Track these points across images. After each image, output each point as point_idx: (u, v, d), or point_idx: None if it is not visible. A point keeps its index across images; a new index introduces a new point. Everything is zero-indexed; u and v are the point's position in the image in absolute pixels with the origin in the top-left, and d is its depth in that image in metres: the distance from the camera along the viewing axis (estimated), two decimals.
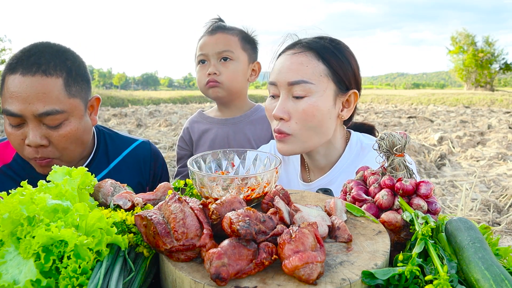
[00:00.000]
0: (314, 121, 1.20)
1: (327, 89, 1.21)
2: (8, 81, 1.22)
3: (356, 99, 1.28)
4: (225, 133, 1.72)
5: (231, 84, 1.66)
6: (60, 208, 0.74)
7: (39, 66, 1.22)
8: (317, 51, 1.23)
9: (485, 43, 46.97)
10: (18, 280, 0.62)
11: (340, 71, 1.23)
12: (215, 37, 1.65)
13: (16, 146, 1.26)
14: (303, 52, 1.23)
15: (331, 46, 1.25)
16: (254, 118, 1.74)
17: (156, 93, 37.01)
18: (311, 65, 1.21)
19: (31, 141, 1.21)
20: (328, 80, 1.22)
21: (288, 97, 1.22)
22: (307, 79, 1.19)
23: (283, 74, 1.22)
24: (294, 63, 1.22)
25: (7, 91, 1.22)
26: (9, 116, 1.21)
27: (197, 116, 1.83)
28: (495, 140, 8.46)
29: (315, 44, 1.25)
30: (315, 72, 1.21)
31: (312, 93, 1.20)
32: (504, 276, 0.60)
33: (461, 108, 19.66)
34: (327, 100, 1.22)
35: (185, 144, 1.82)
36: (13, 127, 1.23)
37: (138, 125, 11.68)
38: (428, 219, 0.78)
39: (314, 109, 1.19)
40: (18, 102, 1.19)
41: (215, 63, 1.64)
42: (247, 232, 0.64)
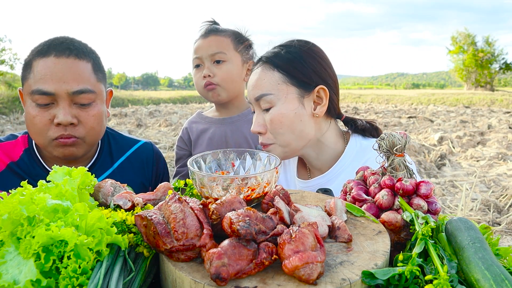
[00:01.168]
0: (284, 127, 1.26)
1: (288, 95, 1.26)
2: (39, 64, 1.27)
3: (326, 93, 1.29)
4: (222, 132, 1.74)
5: (228, 85, 1.68)
6: (60, 208, 0.74)
7: (71, 50, 1.31)
8: (271, 62, 1.29)
9: (485, 43, 46.97)
10: (18, 280, 0.62)
11: (297, 73, 1.26)
12: (207, 40, 1.69)
13: (40, 128, 1.28)
14: (261, 67, 1.31)
15: (285, 52, 1.29)
16: (252, 117, 1.75)
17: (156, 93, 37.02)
18: (267, 77, 1.27)
19: (62, 119, 1.26)
20: (287, 86, 1.26)
21: (260, 111, 1.30)
22: (266, 91, 1.26)
23: (250, 92, 1.32)
24: (255, 79, 1.30)
25: (37, 74, 1.27)
26: (41, 95, 1.25)
27: (196, 117, 1.86)
28: (495, 140, 8.46)
29: (270, 55, 1.31)
30: (272, 82, 1.26)
31: (275, 103, 1.26)
32: (504, 276, 0.60)
33: (461, 108, 19.67)
34: (291, 104, 1.26)
35: (184, 144, 1.83)
36: (40, 108, 1.27)
37: (138, 125, 11.68)
38: (428, 219, 0.78)
39: (279, 116, 1.25)
40: (53, 81, 1.26)
41: (209, 66, 1.68)
42: (247, 232, 0.64)
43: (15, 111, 14.35)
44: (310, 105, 1.28)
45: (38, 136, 1.31)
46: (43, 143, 1.32)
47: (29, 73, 1.29)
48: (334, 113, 1.37)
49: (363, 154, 1.32)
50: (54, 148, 1.32)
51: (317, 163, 1.38)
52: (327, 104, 1.30)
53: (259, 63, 1.33)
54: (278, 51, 1.30)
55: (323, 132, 1.34)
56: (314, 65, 1.28)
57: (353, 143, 1.37)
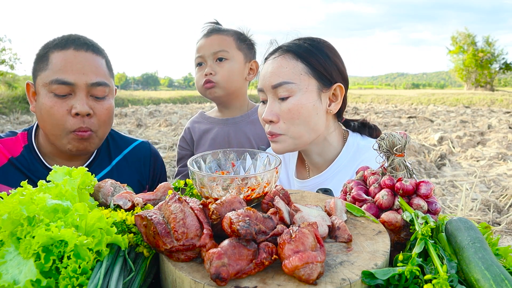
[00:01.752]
0: (301, 118, 1.25)
1: (309, 86, 1.25)
2: (58, 56, 1.31)
3: (342, 91, 1.30)
4: (225, 132, 1.73)
5: (227, 83, 1.68)
6: (60, 208, 0.74)
7: (88, 45, 1.37)
8: (294, 52, 1.28)
9: (485, 43, 46.96)
10: (18, 280, 0.62)
11: (320, 67, 1.26)
12: (210, 38, 1.69)
13: (58, 118, 1.30)
14: (281, 55, 1.29)
15: (308, 44, 1.29)
16: (255, 118, 1.75)
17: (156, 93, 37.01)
18: (290, 66, 1.26)
19: (80, 109, 1.30)
20: (309, 77, 1.26)
21: (274, 100, 1.28)
22: (287, 79, 1.24)
23: (267, 79, 1.28)
24: (275, 67, 1.27)
25: (57, 64, 1.30)
26: (60, 85, 1.28)
27: (198, 117, 1.85)
28: (495, 140, 8.46)
29: (293, 46, 1.30)
30: (295, 72, 1.25)
31: (295, 92, 1.24)
32: (504, 276, 0.60)
33: (461, 108, 19.66)
34: (311, 97, 1.25)
35: (186, 144, 1.83)
36: (58, 99, 1.30)
37: (138, 125, 11.68)
38: (428, 219, 0.78)
39: (299, 107, 1.24)
40: (73, 71, 1.30)
41: (211, 64, 1.68)
42: (247, 232, 0.64)
43: (15, 111, 14.35)
44: (326, 101, 1.30)
45: (55, 127, 1.32)
46: (59, 134, 1.33)
47: (45, 65, 1.31)
48: (340, 114, 1.39)
49: (359, 154, 1.33)
50: (69, 141, 1.34)
51: (318, 161, 1.39)
52: (341, 102, 1.32)
53: (278, 51, 1.32)
54: (300, 43, 1.30)
55: (330, 131, 1.36)
56: (335, 61, 1.30)
57: (351, 143, 1.37)
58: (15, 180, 1.34)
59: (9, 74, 25.22)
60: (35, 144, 1.42)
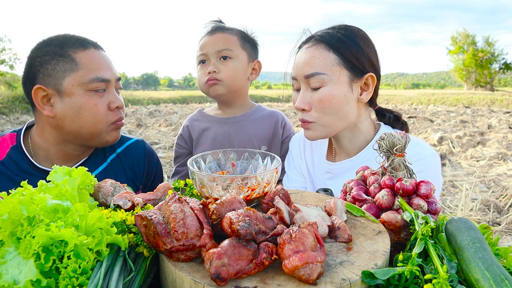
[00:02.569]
0: (332, 108, 1.29)
1: (340, 77, 1.28)
2: (85, 55, 1.35)
3: (374, 81, 1.33)
4: (226, 132, 1.72)
5: (231, 82, 1.67)
6: (60, 208, 0.74)
7: (96, 43, 1.43)
8: (327, 42, 1.30)
9: (485, 43, 46.95)
10: (18, 280, 0.62)
11: (352, 57, 1.28)
12: (214, 36, 1.67)
13: (102, 114, 1.37)
14: (314, 45, 1.31)
15: (341, 34, 1.30)
16: (255, 118, 1.74)
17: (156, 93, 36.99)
18: (322, 56, 1.28)
19: (120, 103, 1.42)
20: (340, 68, 1.28)
21: (307, 89, 1.32)
22: (319, 70, 1.27)
23: (300, 69, 1.32)
24: (308, 57, 1.31)
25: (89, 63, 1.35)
26: (100, 83, 1.35)
27: (197, 115, 1.83)
28: (495, 140, 8.46)
29: (326, 35, 1.32)
30: (327, 63, 1.28)
31: (326, 83, 1.28)
32: (504, 276, 0.60)
33: (461, 108, 19.66)
34: (342, 87, 1.28)
35: (184, 143, 1.81)
36: (99, 95, 1.36)
37: (138, 125, 11.68)
38: (428, 219, 0.78)
39: (329, 97, 1.28)
40: (105, 69, 1.39)
41: (214, 62, 1.66)
42: (247, 232, 0.64)
43: (15, 111, 14.35)
44: (357, 90, 1.32)
45: (98, 123, 1.37)
46: (101, 129, 1.39)
47: (74, 65, 1.33)
48: (373, 102, 1.42)
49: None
50: (109, 132, 1.42)
51: (347, 147, 1.43)
52: (372, 91, 1.34)
53: (311, 40, 1.34)
54: (334, 32, 1.31)
55: (361, 119, 1.39)
56: (367, 52, 1.31)
57: (384, 130, 1.41)
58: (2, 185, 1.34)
59: (9, 74, 25.22)
60: (25, 145, 1.41)
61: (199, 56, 1.70)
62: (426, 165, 1.26)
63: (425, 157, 1.28)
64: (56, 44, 1.35)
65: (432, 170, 1.28)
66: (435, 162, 1.30)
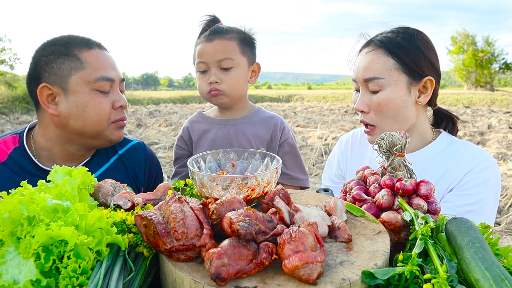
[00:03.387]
0: (390, 111, 1.33)
1: (398, 81, 1.32)
2: (90, 55, 1.37)
3: (433, 84, 1.35)
4: (226, 133, 1.72)
5: (233, 91, 1.66)
6: (60, 208, 0.74)
7: (100, 44, 1.44)
8: (386, 47, 1.34)
9: (485, 43, 46.93)
10: (18, 280, 0.62)
11: (411, 62, 1.31)
12: (213, 44, 1.63)
13: (106, 112, 1.39)
14: (373, 50, 1.36)
15: (400, 39, 1.33)
16: (255, 120, 1.74)
17: (156, 93, 36.97)
18: (380, 61, 1.33)
19: (124, 102, 1.43)
20: (398, 72, 1.32)
21: (366, 91, 1.37)
22: (378, 75, 1.32)
23: (359, 72, 1.37)
24: (367, 62, 1.36)
25: (95, 62, 1.37)
26: (106, 82, 1.37)
27: (197, 116, 1.83)
28: (495, 140, 8.46)
29: (385, 40, 1.35)
30: (385, 68, 1.32)
31: (385, 87, 1.32)
32: (504, 276, 0.60)
33: (461, 108, 19.65)
34: (400, 91, 1.32)
35: (185, 144, 1.82)
36: (103, 94, 1.38)
37: (138, 125, 11.68)
38: (428, 219, 0.78)
39: (387, 101, 1.32)
40: (110, 69, 1.41)
41: (215, 72, 1.63)
42: (247, 232, 0.64)
43: (15, 111, 14.34)
44: (415, 93, 1.35)
45: (101, 122, 1.38)
46: (104, 127, 1.40)
47: (80, 64, 1.35)
48: (431, 102, 1.43)
49: (454, 149, 1.37)
50: (112, 131, 1.42)
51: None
52: (430, 94, 1.36)
53: (370, 45, 1.38)
54: (393, 37, 1.35)
55: (419, 120, 1.41)
56: (426, 55, 1.33)
57: (445, 136, 1.43)
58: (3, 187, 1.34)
59: (9, 74, 25.22)
60: (28, 146, 1.42)
61: (198, 63, 1.67)
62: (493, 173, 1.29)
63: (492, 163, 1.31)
64: (61, 44, 1.36)
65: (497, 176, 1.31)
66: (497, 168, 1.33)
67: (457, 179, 1.29)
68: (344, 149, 1.67)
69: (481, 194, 1.25)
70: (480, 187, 1.26)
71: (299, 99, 29.75)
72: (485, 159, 1.30)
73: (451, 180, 1.30)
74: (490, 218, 1.27)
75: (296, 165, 1.71)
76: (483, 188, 1.26)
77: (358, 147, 1.62)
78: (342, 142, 1.71)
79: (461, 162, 1.31)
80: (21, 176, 1.36)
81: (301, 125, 11.39)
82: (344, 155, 1.65)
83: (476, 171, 1.28)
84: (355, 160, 1.59)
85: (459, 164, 1.31)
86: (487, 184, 1.27)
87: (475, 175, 1.27)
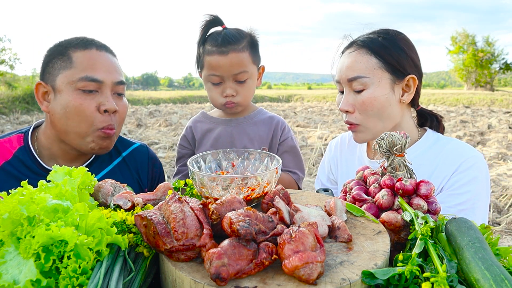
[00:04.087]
0: (374, 109, 1.34)
1: (382, 79, 1.33)
2: (82, 55, 1.34)
3: (415, 83, 1.36)
4: (228, 132, 1.73)
5: (247, 100, 1.70)
6: (60, 208, 0.74)
7: (106, 47, 1.42)
8: (368, 47, 1.35)
9: (485, 43, 46.92)
10: (18, 280, 0.62)
11: (393, 60, 1.33)
12: (228, 58, 1.59)
13: (87, 115, 1.33)
14: (356, 50, 1.37)
15: (382, 39, 1.35)
16: (257, 120, 1.76)
17: (156, 93, 36.98)
18: (364, 60, 1.34)
19: (110, 106, 1.35)
20: (382, 71, 1.33)
21: (350, 92, 1.37)
22: (361, 74, 1.33)
23: (343, 73, 1.38)
24: (350, 62, 1.37)
25: (83, 63, 1.33)
26: (89, 82, 1.32)
27: (200, 116, 1.85)
28: (495, 140, 8.46)
29: (367, 41, 1.37)
30: (368, 67, 1.33)
31: (369, 86, 1.33)
32: (504, 276, 0.60)
33: (461, 108, 19.65)
34: (384, 89, 1.33)
35: (188, 143, 1.83)
36: (86, 95, 1.33)
37: (138, 125, 11.68)
38: (428, 219, 0.78)
39: (372, 99, 1.33)
40: (101, 70, 1.35)
41: (231, 85, 1.62)
42: (247, 232, 0.64)
43: (15, 111, 14.35)
44: (399, 92, 1.37)
45: (82, 124, 1.34)
46: (85, 132, 1.35)
47: (69, 63, 1.33)
48: (415, 102, 1.45)
49: (440, 146, 1.38)
50: (94, 139, 1.36)
51: None
52: (413, 92, 1.38)
53: (353, 46, 1.40)
54: (375, 37, 1.37)
55: (404, 119, 1.43)
56: (408, 54, 1.35)
57: (431, 133, 1.44)
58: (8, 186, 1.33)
59: (9, 74, 25.23)
60: (32, 146, 1.42)
61: (211, 76, 1.63)
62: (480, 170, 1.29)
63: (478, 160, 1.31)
64: (63, 44, 1.37)
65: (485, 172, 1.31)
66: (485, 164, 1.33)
67: (446, 178, 1.29)
68: (334, 154, 1.69)
69: (471, 192, 1.25)
70: (469, 185, 1.26)
71: (299, 99, 29.76)
72: (471, 155, 1.30)
73: (440, 179, 1.30)
74: (484, 215, 1.27)
75: (295, 164, 1.72)
76: (473, 186, 1.26)
77: (346, 150, 1.63)
78: (332, 147, 1.73)
79: (447, 160, 1.31)
80: (26, 175, 1.36)
81: (301, 125, 11.39)
82: (334, 160, 1.67)
83: (463, 169, 1.28)
84: (345, 164, 1.60)
85: (446, 162, 1.31)
86: (476, 182, 1.27)
87: (463, 174, 1.27)
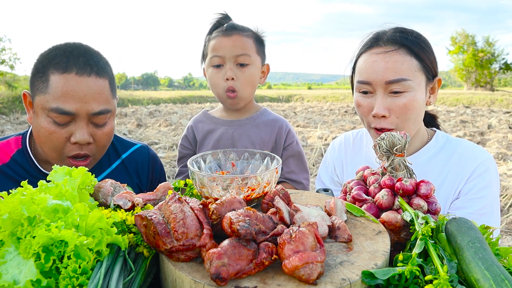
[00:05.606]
0: (414, 113, 1.28)
1: (421, 82, 1.29)
2: (60, 80, 1.23)
3: (440, 84, 1.35)
4: (230, 134, 1.70)
5: (247, 90, 1.62)
6: (60, 208, 0.74)
7: (92, 67, 1.27)
8: (408, 47, 1.28)
9: (485, 43, 46.91)
10: (18, 280, 0.62)
11: (428, 62, 1.30)
12: (231, 39, 1.58)
13: (56, 145, 1.27)
14: (395, 50, 1.27)
15: (417, 39, 1.31)
16: (260, 122, 1.72)
17: (156, 93, 36.97)
18: (406, 62, 1.26)
19: (80, 139, 1.25)
20: (421, 73, 1.29)
21: (385, 94, 1.28)
22: (405, 76, 1.25)
23: (379, 74, 1.27)
24: (390, 62, 1.26)
25: (57, 91, 1.23)
26: (60, 115, 1.23)
27: (202, 116, 1.81)
28: (495, 140, 8.45)
29: (403, 39, 1.29)
30: (411, 69, 1.26)
31: (411, 88, 1.26)
32: (504, 276, 0.60)
33: (461, 108, 19.64)
34: (422, 92, 1.30)
35: (189, 144, 1.80)
36: (58, 126, 1.25)
37: (138, 125, 11.68)
38: (428, 219, 0.78)
39: (414, 102, 1.26)
40: (74, 101, 1.23)
41: (231, 67, 1.58)
42: (247, 232, 0.64)
43: (15, 111, 14.35)
44: (427, 94, 1.34)
45: (52, 150, 1.29)
46: (56, 158, 1.30)
47: (45, 87, 1.24)
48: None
49: (451, 148, 1.36)
50: (65, 163, 1.30)
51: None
52: (437, 94, 1.36)
53: (386, 45, 1.29)
54: (411, 38, 1.30)
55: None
56: (435, 56, 1.33)
57: (440, 134, 1.42)
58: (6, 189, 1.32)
59: (9, 74, 25.25)
60: (30, 149, 1.41)
61: (213, 57, 1.61)
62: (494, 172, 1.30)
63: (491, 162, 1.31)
64: (46, 57, 1.29)
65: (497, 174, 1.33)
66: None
67: (462, 182, 1.28)
68: (338, 155, 1.62)
69: (488, 196, 1.26)
70: (487, 189, 1.26)
71: (299, 99, 29.75)
72: (485, 157, 1.30)
73: (456, 183, 1.29)
74: (499, 216, 1.28)
75: (299, 169, 1.68)
76: (489, 189, 1.26)
77: (352, 151, 1.58)
78: (335, 147, 1.65)
79: (461, 163, 1.31)
80: (24, 178, 1.35)
81: (301, 125, 11.39)
82: (339, 161, 1.61)
83: (480, 173, 1.28)
84: (351, 165, 1.56)
85: (460, 166, 1.31)
86: (491, 185, 1.27)
87: (480, 178, 1.27)
